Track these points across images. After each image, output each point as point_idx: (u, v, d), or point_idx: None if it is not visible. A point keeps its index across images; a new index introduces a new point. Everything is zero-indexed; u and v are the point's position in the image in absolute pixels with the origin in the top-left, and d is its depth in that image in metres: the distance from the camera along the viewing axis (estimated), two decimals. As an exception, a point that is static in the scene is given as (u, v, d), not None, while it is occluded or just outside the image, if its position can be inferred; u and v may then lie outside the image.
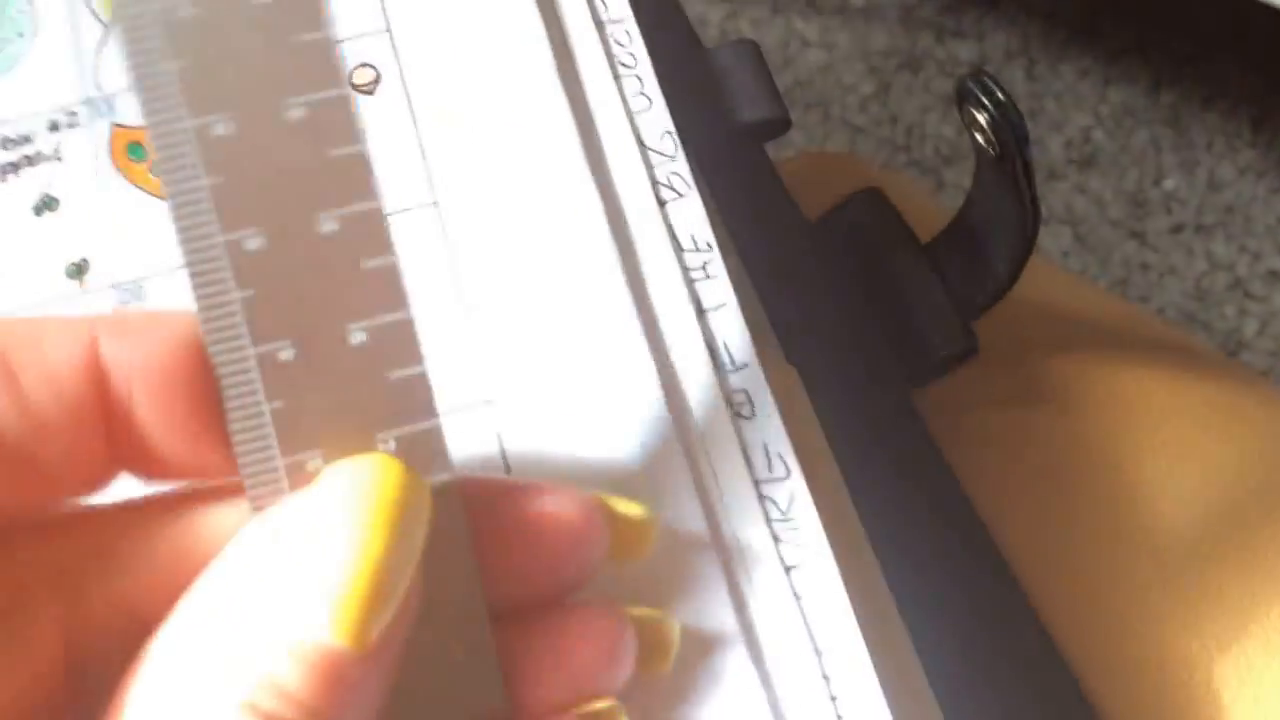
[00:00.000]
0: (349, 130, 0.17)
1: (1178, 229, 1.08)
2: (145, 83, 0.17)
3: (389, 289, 0.18)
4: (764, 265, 0.27)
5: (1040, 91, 1.14)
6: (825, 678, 0.22)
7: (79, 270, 0.24)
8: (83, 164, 0.24)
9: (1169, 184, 1.10)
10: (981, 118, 0.28)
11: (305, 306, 0.18)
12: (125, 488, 0.19)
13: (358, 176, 0.18)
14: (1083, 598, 0.31)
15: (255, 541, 0.17)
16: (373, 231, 0.18)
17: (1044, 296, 0.37)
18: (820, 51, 1.17)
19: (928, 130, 1.12)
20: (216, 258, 0.17)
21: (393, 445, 0.18)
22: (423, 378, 0.18)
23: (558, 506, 0.20)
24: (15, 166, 0.24)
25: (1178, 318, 1.03)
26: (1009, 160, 0.28)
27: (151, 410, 0.17)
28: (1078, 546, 0.32)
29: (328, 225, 0.17)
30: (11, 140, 0.24)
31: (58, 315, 0.18)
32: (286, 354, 0.17)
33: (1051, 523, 0.32)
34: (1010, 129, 0.27)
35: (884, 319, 0.30)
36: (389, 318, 0.18)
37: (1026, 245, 0.30)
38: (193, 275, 0.17)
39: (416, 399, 0.18)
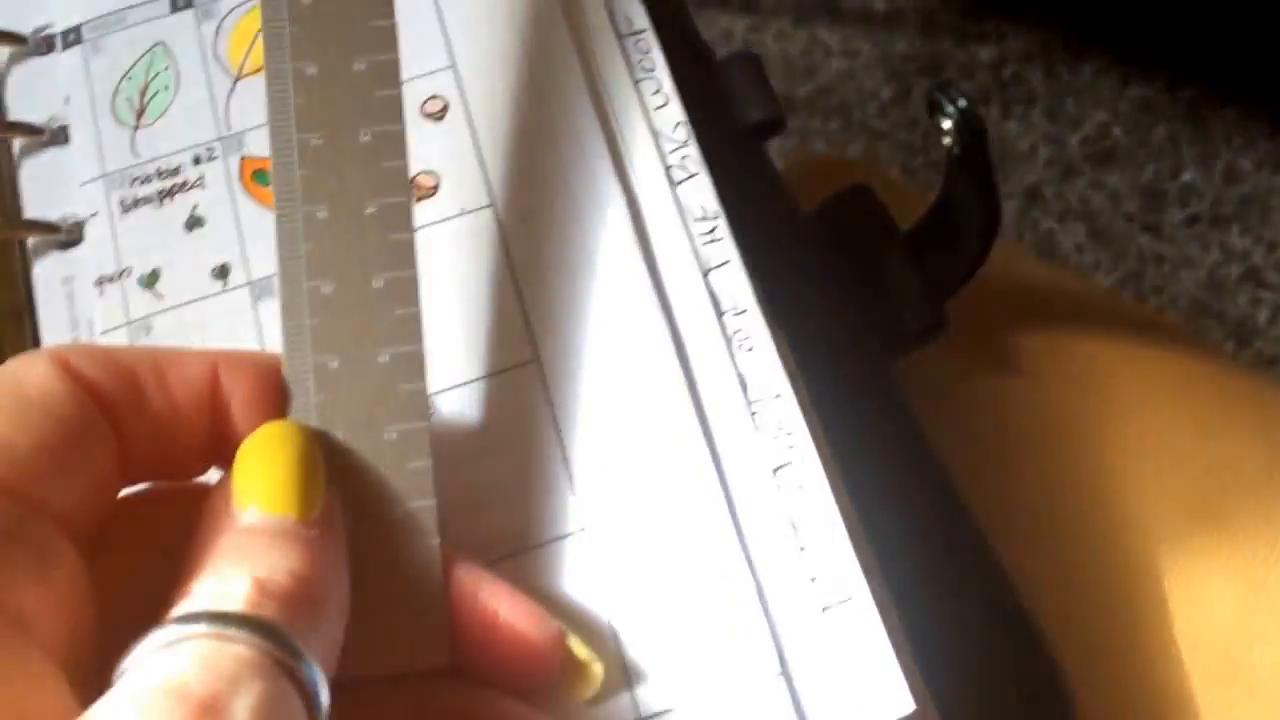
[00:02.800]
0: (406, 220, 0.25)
1: (1193, 221, 1.13)
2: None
3: (409, 328, 0.25)
4: (757, 246, 0.33)
5: (1059, 90, 1.20)
6: (802, 549, 0.28)
7: (222, 273, 0.31)
8: (220, 189, 0.31)
9: (1186, 177, 1.15)
10: (946, 122, 0.34)
11: (352, 334, 0.25)
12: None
13: (404, 250, 0.25)
14: (1041, 543, 0.37)
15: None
16: (405, 289, 0.25)
17: (1018, 279, 0.43)
18: (842, 59, 1.23)
19: (948, 132, 1.18)
20: (301, 297, 0.25)
21: (395, 435, 0.25)
22: (423, 390, 0.25)
23: (526, 626, 0.25)
24: (170, 192, 0.31)
25: (1190, 307, 1.08)
26: (971, 158, 0.34)
27: (243, 422, 0.25)
28: (1039, 498, 0.38)
29: (376, 284, 0.25)
30: (165, 172, 0.31)
31: (198, 349, 0.25)
32: (334, 364, 0.25)
33: (1016, 478, 0.38)
34: (970, 130, 0.34)
35: (865, 298, 0.36)
36: (406, 348, 0.25)
37: (991, 231, 0.36)
38: (283, 308, 0.25)
39: (417, 405, 0.25)
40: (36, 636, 0.20)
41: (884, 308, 0.36)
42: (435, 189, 0.31)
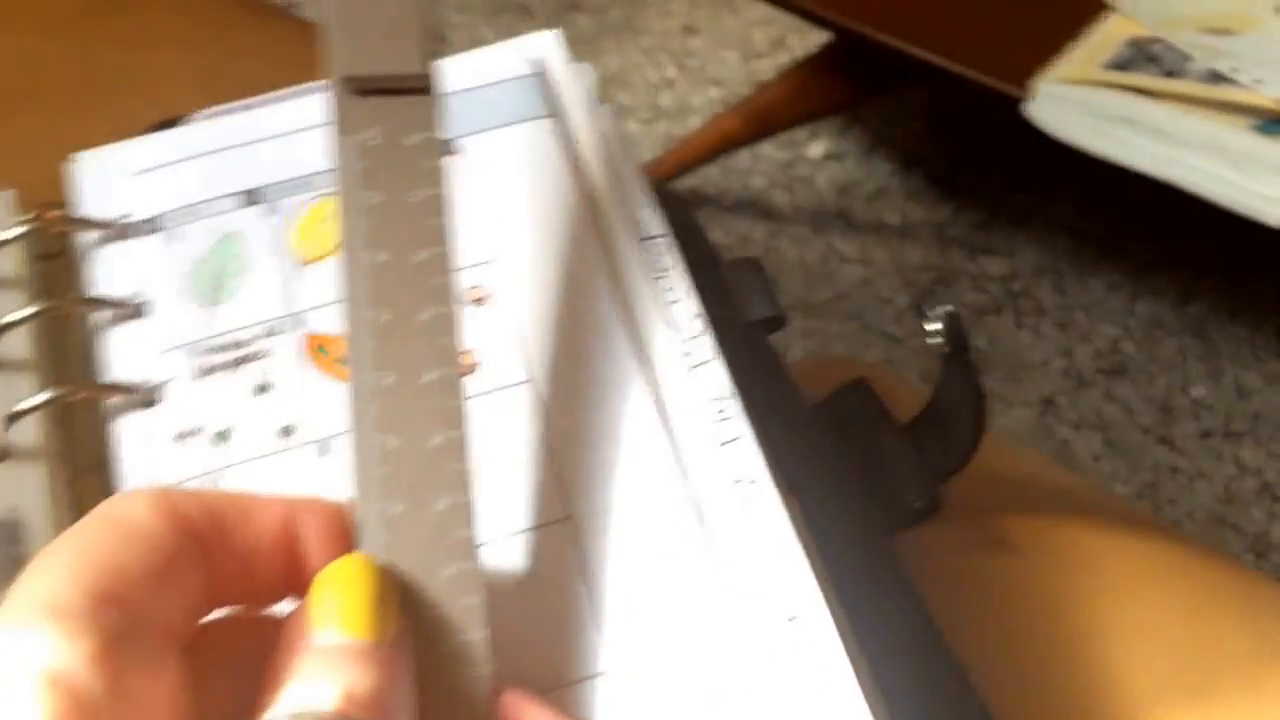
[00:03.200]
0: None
1: (1206, 435, 1.17)
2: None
3: (462, 480, 0.29)
4: (764, 428, 0.37)
5: (1069, 304, 1.25)
6: (810, 692, 0.31)
7: (287, 432, 0.35)
8: (287, 359, 0.36)
9: (1196, 392, 1.20)
10: (935, 325, 0.39)
11: (413, 484, 0.29)
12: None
13: (456, 413, 0.30)
14: (1033, 711, 0.40)
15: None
16: (458, 447, 0.29)
17: (1009, 467, 0.47)
18: (858, 267, 1.30)
19: (962, 341, 1.23)
20: (370, 450, 0.29)
21: (451, 573, 0.29)
22: (473, 535, 0.29)
23: None
24: (241, 361, 0.36)
25: (1207, 520, 1.12)
26: (957, 357, 0.39)
27: (315, 558, 0.29)
28: (1024, 668, 0.41)
29: (434, 441, 0.29)
30: (238, 343, 0.36)
31: (276, 494, 0.29)
32: (398, 509, 0.29)
33: (1007, 650, 0.41)
34: (955, 334, 0.39)
35: (866, 479, 0.40)
36: (460, 499, 0.29)
37: (980, 422, 0.40)
38: (355, 459, 0.29)
39: (469, 547, 0.29)
40: None
41: (884, 488, 0.40)
42: (477, 366, 0.36)
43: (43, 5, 0.60)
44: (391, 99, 0.32)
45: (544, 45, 0.42)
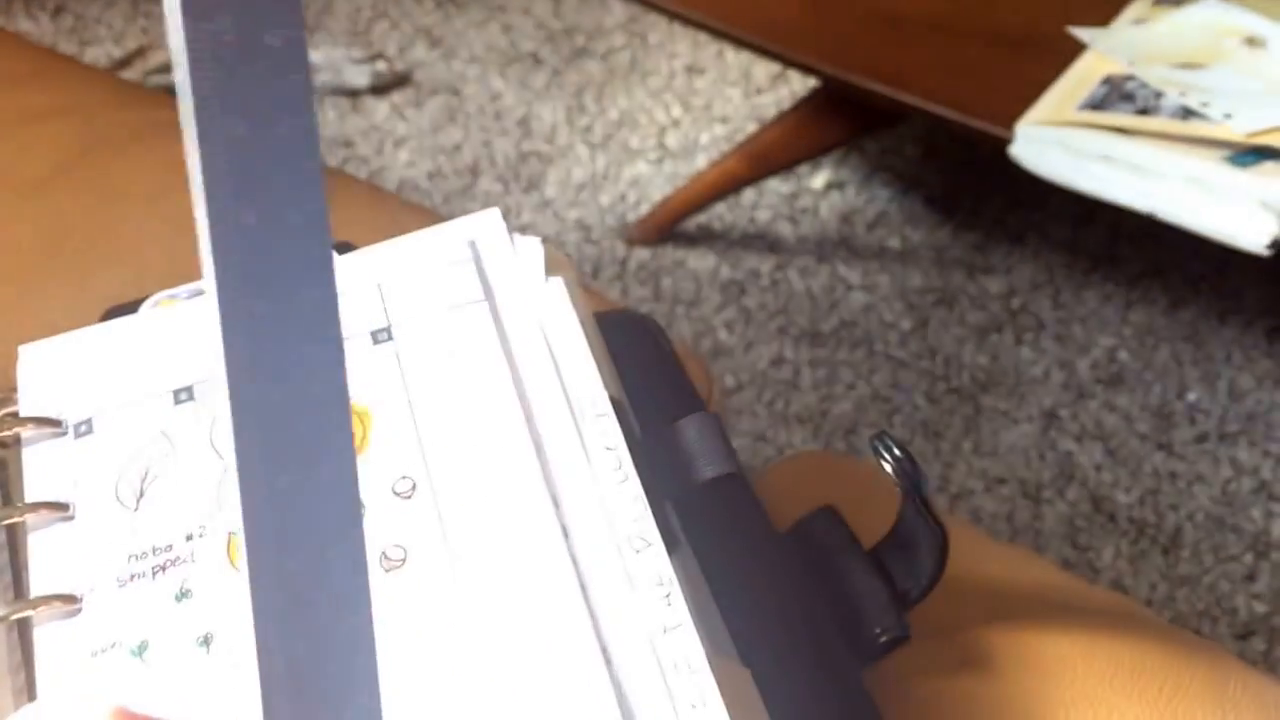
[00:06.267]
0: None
1: (1202, 438, 1.12)
2: None
3: None
4: (727, 584, 0.34)
5: (1066, 318, 1.20)
6: None
7: (205, 641, 0.31)
8: (208, 563, 0.32)
9: (1192, 396, 1.15)
10: (888, 466, 0.35)
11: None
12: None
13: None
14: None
15: None
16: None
17: (982, 573, 0.43)
18: (862, 294, 1.25)
19: (964, 360, 1.18)
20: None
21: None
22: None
23: None
24: (163, 567, 0.32)
25: (1207, 523, 1.07)
26: (912, 494, 0.35)
27: None
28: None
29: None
30: (159, 548, 0.32)
31: None
32: None
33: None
34: (907, 474, 0.34)
35: (835, 611, 0.36)
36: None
37: (941, 552, 0.36)
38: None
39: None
40: None
41: (853, 620, 0.36)
42: (403, 561, 0.32)
43: (12, 165, 0.56)
44: None
45: (484, 224, 0.38)
